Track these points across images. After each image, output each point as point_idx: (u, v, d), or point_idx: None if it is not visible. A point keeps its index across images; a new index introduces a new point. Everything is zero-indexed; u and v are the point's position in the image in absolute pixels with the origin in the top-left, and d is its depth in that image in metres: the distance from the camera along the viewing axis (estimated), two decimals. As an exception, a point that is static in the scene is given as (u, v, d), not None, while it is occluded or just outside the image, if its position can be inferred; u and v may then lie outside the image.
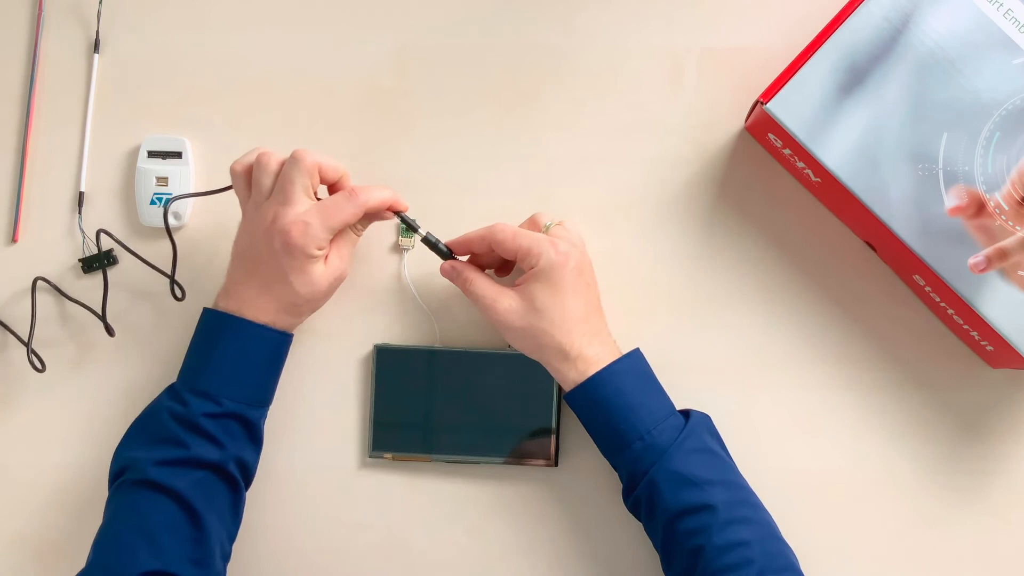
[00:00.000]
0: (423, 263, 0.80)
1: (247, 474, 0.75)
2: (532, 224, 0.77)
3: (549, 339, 0.73)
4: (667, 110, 0.81)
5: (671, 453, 0.71)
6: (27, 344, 0.78)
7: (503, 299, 0.73)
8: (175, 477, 0.71)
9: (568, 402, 0.74)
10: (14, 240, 0.81)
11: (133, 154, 0.81)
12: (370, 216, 0.74)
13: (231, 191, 0.75)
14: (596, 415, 0.73)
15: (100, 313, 0.79)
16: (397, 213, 0.75)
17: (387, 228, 0.81)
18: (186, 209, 0.80)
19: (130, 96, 0.82)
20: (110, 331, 0.79)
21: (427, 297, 0.80)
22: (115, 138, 0.81)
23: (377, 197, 0.73)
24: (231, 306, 0.74)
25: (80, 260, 0.80)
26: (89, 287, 0.80)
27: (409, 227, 0.76)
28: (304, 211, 0.71)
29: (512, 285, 0.74)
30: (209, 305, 0.75)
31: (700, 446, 0.72)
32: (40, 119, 0.81)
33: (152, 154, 0.81)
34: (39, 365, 0.78)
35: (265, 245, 0.72)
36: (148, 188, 0.80)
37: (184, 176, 0.80)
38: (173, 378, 0.75)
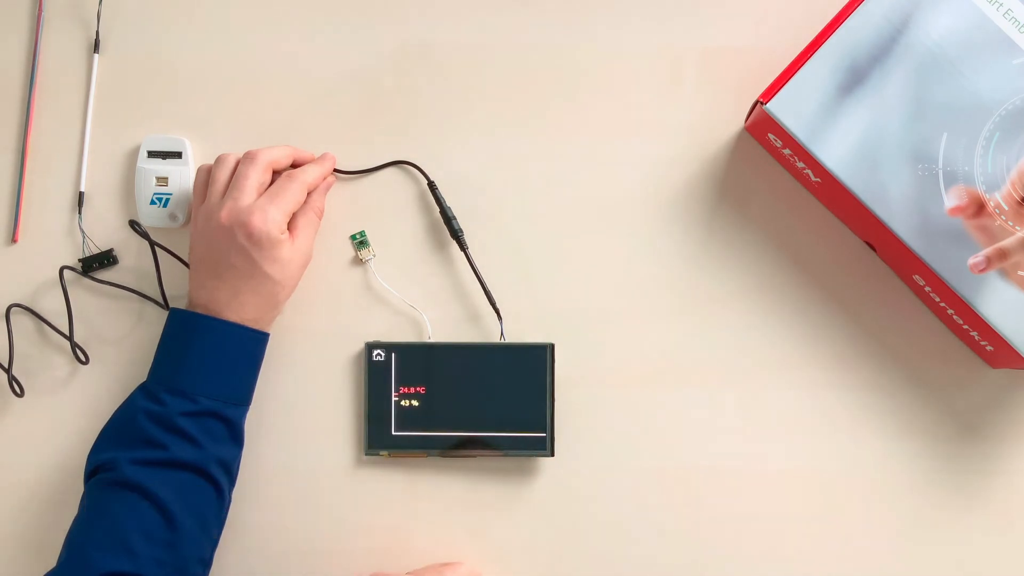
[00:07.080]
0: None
1: (229, 474, 0.75)
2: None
3: None
4: (667, 110, 0.81)
5: None
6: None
7: None
8: (152, 478, 0.70)
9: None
10: (14, 240, 0.81)
11: (133, 154, 0.81)
12: (320, 190, 0.78)
13: None
14: None
15: (70, 336, 0.78)
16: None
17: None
18: (184, 210, 0.80)
19: (130, 96, 0.82)
20: (82, 358, 0.79)
21: (409, 294, 0.80)
22: (115, 138, 0.81)
23: (313, 173, 0.77)
24: (207, 310, 0.74)
25: (80, 260, 0.80)
26: (91, 287, 0.80)
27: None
28: (255, 202, 0.74)
29: None
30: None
31: None
32: (40, 119, 0.81)
33: (152, 154, 0.81)
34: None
35: (227, 244, 0.73)
36: (148, 188, 0.80)
37: (184, 176, 0.80)
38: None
